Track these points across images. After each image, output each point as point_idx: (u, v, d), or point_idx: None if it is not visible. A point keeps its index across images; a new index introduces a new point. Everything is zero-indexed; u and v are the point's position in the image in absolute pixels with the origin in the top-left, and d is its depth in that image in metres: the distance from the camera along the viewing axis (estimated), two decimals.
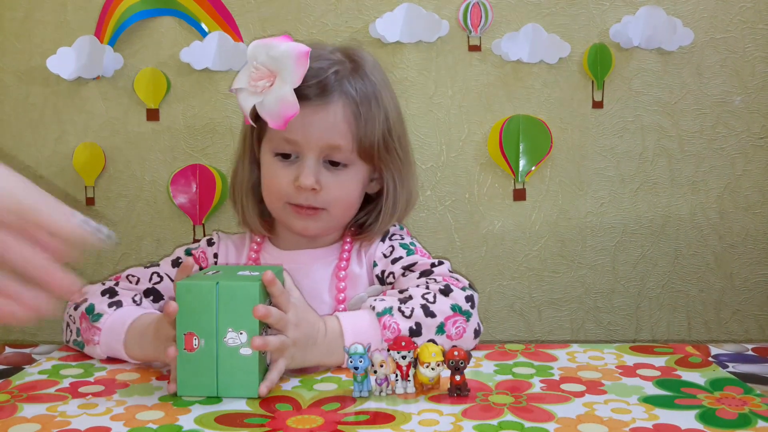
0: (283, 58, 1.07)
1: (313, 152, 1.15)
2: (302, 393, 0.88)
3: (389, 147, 1.20)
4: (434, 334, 1.01)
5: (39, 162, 1.75)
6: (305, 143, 1.14)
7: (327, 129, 1.14)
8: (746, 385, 0.87)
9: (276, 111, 1.08)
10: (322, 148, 1.15)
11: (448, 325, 1.02)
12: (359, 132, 1.16)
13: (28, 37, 1.72)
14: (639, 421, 0.77)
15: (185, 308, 0.88)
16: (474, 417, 0.78)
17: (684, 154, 1.74)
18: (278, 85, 1.07)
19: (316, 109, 1.13)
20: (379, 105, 1.19)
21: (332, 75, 1.15)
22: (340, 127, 1.15)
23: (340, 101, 1.15)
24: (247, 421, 0.79)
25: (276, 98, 1.07)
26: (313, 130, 1.14)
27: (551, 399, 0.84)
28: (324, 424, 0.77)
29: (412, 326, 1.00)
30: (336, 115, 1.15)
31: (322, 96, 1.14)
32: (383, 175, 1.23)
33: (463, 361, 0.84)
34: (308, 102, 1.11)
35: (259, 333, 0.89)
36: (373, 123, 1.17)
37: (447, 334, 1.02)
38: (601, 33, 1.70)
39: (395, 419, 0.78)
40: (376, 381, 0.85)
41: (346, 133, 1.15)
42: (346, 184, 1.18)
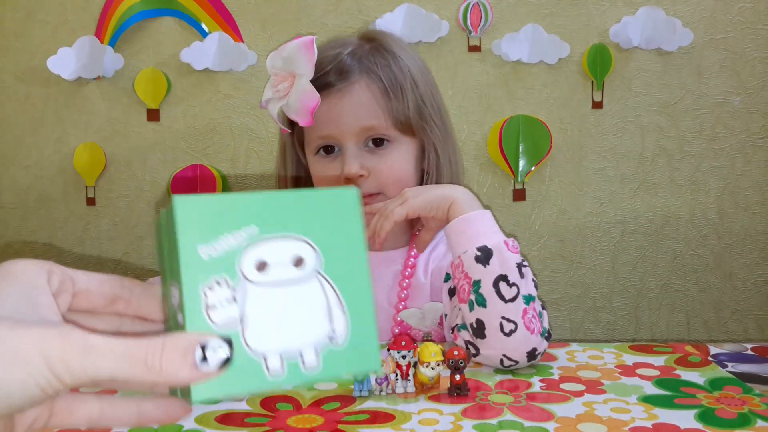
0: (292, 54, 1.05)
1: (350, 139, 1.11)
2: (302, 392, 0.88)
3: (424, 116, 1.15)
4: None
5: (39, 162, 1.76)
6: (339, 132, 1.11)
7: (357, 112, 1.10)
8: (745, 384, 0.87)
9: (300, 107, 1.05)
10: (358, 132, 1.11)
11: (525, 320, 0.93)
12: (390, 107, 1.12)
13: (29, 37, 1.72)
14: (638, 420, 0.77)
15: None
16: (474, 416, 0.78)
17: (683, 155, 1.74)
18: (296, 82, 1.05)
19: (341, 95, 1.10)
20: (404, 76, 1.14)
21: (347, 56, 1.12)
22: (370, 106, 1.11)
23: (363, 80, 1.11)
24: (248, 420, 0.79)
25: (296, 94, 1.05)
26: (344, 117, 1.10)
27: (551, 398, 0.84)
28: (324, 423, 0.78)
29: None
30: (362, 96, 1.11)
31: (343, 79, 1.11)
32: (427, 149, 1.17)
33: (463, 360, 0.84)
34: (331, 89, 1.08)
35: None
36: (402, 95, 1.13)
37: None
38: (600, 33, 1.70)
39: (395, 419, 0.78)
40: (376, 380, 0.85)
41: (377, 111, 1.11)
42: (394, 162, 1.12)
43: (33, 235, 1.78)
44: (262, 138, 1.73)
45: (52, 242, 1.77)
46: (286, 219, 0.43)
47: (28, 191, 1.77)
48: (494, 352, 0.92)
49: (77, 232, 1.77)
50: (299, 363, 0.42)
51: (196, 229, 0.41)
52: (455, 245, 0.98)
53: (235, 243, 0.41)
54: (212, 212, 0.41)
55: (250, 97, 1.72)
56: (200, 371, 0.37)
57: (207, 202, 0.41)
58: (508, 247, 0.95)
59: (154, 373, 0.37)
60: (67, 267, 0.44)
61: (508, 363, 0.92)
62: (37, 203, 1.77)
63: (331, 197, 0.45)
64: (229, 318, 0.40)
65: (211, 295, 0.40)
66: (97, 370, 0.36)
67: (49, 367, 0.35)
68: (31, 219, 1.78)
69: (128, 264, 1.75)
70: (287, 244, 0.43)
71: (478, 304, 0.93)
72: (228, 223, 0.41)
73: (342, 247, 0.44)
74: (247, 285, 0.41)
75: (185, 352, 0.37)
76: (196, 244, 0.40)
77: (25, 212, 1.78)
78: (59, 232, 1.77)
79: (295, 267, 0.43)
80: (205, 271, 0.40)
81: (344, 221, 0.45)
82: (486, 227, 0.98)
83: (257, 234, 0.42)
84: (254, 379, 0.41)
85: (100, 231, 1.77)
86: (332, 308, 0.43)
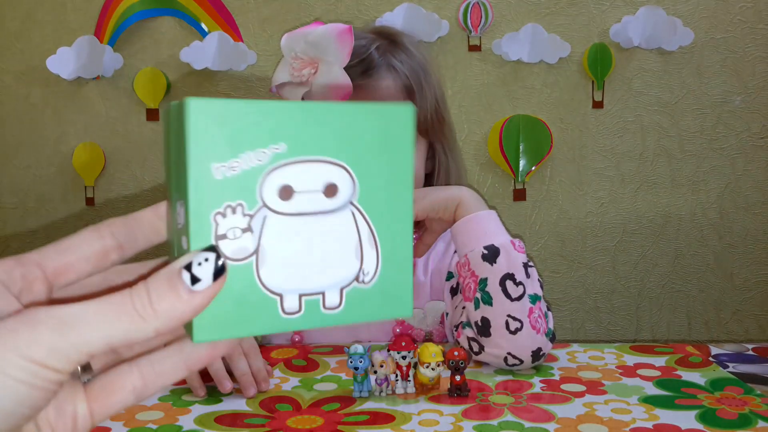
0: (322, 41, 1.01)
1: None
2: (302, 393, 0.88)
3: (441, 118, 1.15)
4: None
5: (39, 162, 1.75)
6: None
7: None
8: (746, 385, 0.87)
9: (327, 96, 1.01)
10: None
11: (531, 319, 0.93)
12: (414, 105, 1.10)
13: (28, 37, 1.72)
14: (639, 421, 0.77)
15: None
16: (474, 417, 0.78)
17: (684, 154, 1.74)
18: (324, 69, 1.01)
19: (367, 89, 1.08)
20: (428, 76, 1.14)
21: (375, 51, 1.10)
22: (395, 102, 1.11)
23: (389, 76, 1.10)
24: (247, 421, 0.79)
25: (325, 82, 1.01)
26: None
27: (551, 399, 0.83)
28: (324, 424, 0.77)
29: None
30: (389, 90, 1.10)
31: (370, 74, 1.09)
32: (435, 149, 1.16)
33: (463, 361, 0.84)
34: (356, 82, 1.05)
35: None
36: (425, 94, 1.12)
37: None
38: (601, 33, 1.70)
39: (395, 419, 0.78)
40: (376, 381, 0.85)
41: None
42: None
43: (32, 235, 1.78)
44: None
45: (51, 242, 1.77)
46: (322, 138, 0.35)
47: (28, 191, 1.77)
48: (499, 351, 0.92)
49: (76, 232, 1.76)
50: (319, 302, 0.36)
51: (211, 143, 0.34)
52: (461, 244, 0.98)
53: (257, 163, 0.34)
54: (233, 122, 0.34)
55: (249, 97, 1.72)
56: (197, 293, 0.32)
57: (228, 108, 0.34)
58: (515, 246, 0.95)
59: (150, 318, 0.32)
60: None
61: (512, 362, 0.92)
62: (36, 203, 1.77)
63: (382, 113, 0.37)
64: (241, 249, 0.34)
65: (222, 222, 0.34)
66: (87, 340, 0.31)
67: (28, 360, 0.31)
68: (30, 219, 1.77)
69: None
70: (320, 167, 0.36)
71: (484, 302, 0.93)
72: (251, 137, 0.34)
73: (384, 176, 0.37)
74: (267, 213, 0.35)
75: (171, 281, 0.32)
76: (209, 160, 0.34)
77: (24, 212, 1.78)
78: (58, 232, 1.77)
79: (326, 196, 0.36)
80: (218, 193, 0.34)
81: (392, 144, 0.37)
82: (492, 227, 0.98)
83: (285, 153, 0.35)
84: (266, 319, 0.35)
85: None
86: (363, 244, 0.37)
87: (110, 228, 0.39)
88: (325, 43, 1.01)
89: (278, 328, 0.36)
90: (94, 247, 0.39)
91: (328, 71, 1.01)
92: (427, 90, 1.12)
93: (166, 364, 0.37)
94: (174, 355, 0.37)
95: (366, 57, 1.09)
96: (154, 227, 0.40)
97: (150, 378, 0.37)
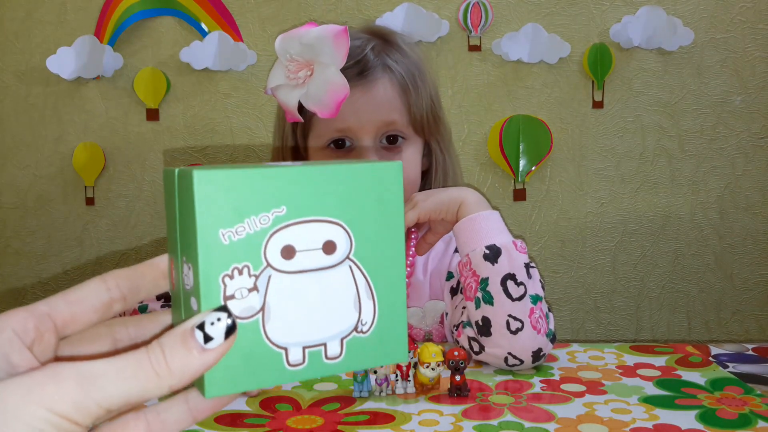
0: (318, 42, 1.00)
1: (368, 134, 1.09)
2: (302, 393, 0.87)
3: (437, 116, 1.16)
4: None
5: (39, 162, 1.75)
6: (359, 127, 1.09)
7: (378, 107, 1.09)
8: (746, 385, 0.86)
9: (324, 98, 1.00)
10: (378, 127, 1.09)
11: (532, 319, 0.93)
12: (410, 103, 1.10)
13: (28, 36, 1.72)
14: (639, 421, 0.76)
15: None
16: (474, 417, 0.78)
17: (684, 154, 1.74)
18: (320, 71, 1.00)
19: (363, 89, 1.08)
20: (423, 75, 1.14)
21: (370, 52, 1.11)
22: (392, 102, 1.10)
23: (386, 76, 1.11)
24: (247, 421, 0.79)
25: (321, 84, 1.00)
26: (365, 111, 1.08)
27: (551, 399, 0.83)
28: (324, 424, 0.77)
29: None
30: (385, 91, 1.10)
31: (366, 75, 1.09)
32: (431, 147, 1.16)
33: (464, 361, 0.83)
34: (352, 83, 1.04)
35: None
36: (420, 93, 1.12)
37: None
38: (601, 33, 1.70)
39: (395, 419, 0.78)
40: (376, 381, 0.85)
41: (399, 107, 1.10)
42: (406, 161, 1.11)
43: (32, 235, 1.78)
44: (262, 137, 1.73)
45: (51, 242, 1.77)
46: (319, 199, 0.38)
47: (28, 191, 1.77)
48: (499, 351, 0.92)
49: (76, 232, 1.77)
50: (321, 353, 0.38)
51: (217, 211, 0.35)
52: (463, 244, 0.98)
53: (260, 226, 0.36)
54: (236, 191, 0.36)
55: (249, 97, 1.72)
56: (209, 351, 0.34)
57: (230, 178, 0.36)
58: (517, 247, 0.95)
59: (165, 376, 0.34)
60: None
61: (512, 362, 0.92)
62: (36, 203, 1.77)
63: (373, 172, 0.39)
64: (248, 308, 0.36)
65: (230, 284, 0.36)
66: (107, 396, 0.33)
67: (54, 413, 0.32)
68: (30, 219, 1.77)
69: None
70: (318, 227, 0.38)
71: (484, 302, 0.93)
72: (253, 203, 0.36)
73: (378, 230, 0.39)
74: (271, 273, 0.37)
75: (185, 340, 0.34)
76: (216, 227, 0.35)
77: (24, 212, 1.78)
78: (58, 232, 1.77)
79: (325, 253, 0.38)
80: (225, 257, 0.36)
81: (383, 200, 0.39)
82: (495, 227, 0.98)
83: (286, 215, 0.37)
84: (272, 372, 0.37)
85: (99, 231, 1.76)
86: (361, 296, 0.39)
87: (116, 280, 0.41)
88: (320, 44, 1.00)
89: (284, 380, 0.38)
90: (101, 299, 0.40)
91: (323, 73, 1.00)
92: (422, 89, 1.12)
93: (172, 413, 0.39)
94: (180, 405, 0.39)
95: (362, 58, 1.09)
96: (156, 281, 0.42)
97: (156, 427, 0.39)
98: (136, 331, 0.42)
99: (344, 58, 0.99)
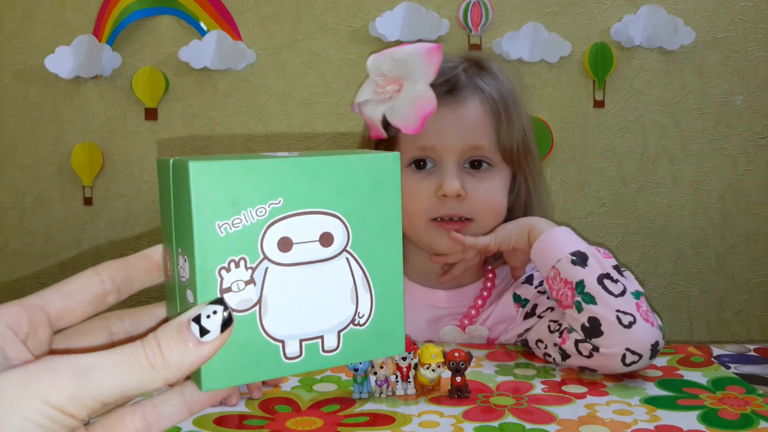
0: (409, 58, 0.97)
1: (452, 155, 1.04)
2: (301, 394, 0.87)
3: (528, 148, 1.10)
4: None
5: (37, 161, 1.75)
6: (443, 147, 1.04)
7: (465, 128, 1.05)
8: (749, 384, 0.86)
9: (410, 112, 0.96)
10: (463, 149, 1.05)
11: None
12: (500, 130, 1.06)
13: (27, 36, 1.71)
14: (641, 422, 0.76)
15: None
16: (475, 419, 0.78)
17: (686, 154, 1.73)
18: (408, 86, 0.97)
19: (451, 108, 1.04)
20: (516, 102, 1.09)
21: (462, 72, 1.08)
22: (480, 125, 1.06)
23: (477, 97, 1.07)
24: (246, 422, 0.78)
25: (408, 98, 0.96)
26: (451, 131, 1.04)
27: (552, 400, 0.83)
28: (323, 425, 0.77)
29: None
30: (475, 112, 1.06)
31: (455, 93, 1.06)
32: (518, 181, 1.11)
33: (464, 362, 0.83)
34: (440, 101, 0.97)
35: None
36: (512, 121, 1.07)
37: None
38: (602, 32, 1.69)
39: (395, 421, 0.77)
40: (376, 382, 0.84)
41: (487, 131, 1.06)
42: (491, 188, 1.06)
43: (30, 235, 1.77)
44: (261, 137, 1.72)
45: (50, 242, 1.76)
46: (317, 190, 0.37)
47: (26, 191, 1.76)
48: (616, 349, 0.87)
49: (74, 232, 1.76)
50: (318, 345, 0.38)
51: (214, 203, 0.35)
52: (545, 260, 0.96)
53: (257, 218, 0.36)
54: (233, 182, 0.35)
55: (248, 96, 1.71)
56: (205, 344, 0.34)
57: (227, 169, 0.35)
58: (600, 252, 0.94)
59: (161, 369, 0.34)
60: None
61: (630, 359, 0.87)
62: (34, 203, 1.76)
63: (370, 163, 0.39)
64: (245, 301, 0.36)
65: (227, 276, 0.36)
66: (102, 389, 0.33)
67: (50, 406, 0.32)
68: (28, 219, 1.77)
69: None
70: (315, 218, 0.37)
71: (586, 303, 0.89)
72: (250, 194, 0.36)
73: (375, 222, 0.39)
74: (268, 265, 0.37)
75: (181, 333, 0.34)
76: (213, 219, 0.35)
77: (22, 212, 1.77)
78: (56, 232, 1.77)
79: (322, 245, 0.38)
80: (221, 250, 0.36)
81: (381, 191, 0.39)
82: (572, 238, 0.96)
83: (282, 208, 0.37)
84: (269, 365, 0.37)
85: (98, 231, 1.76)
86: (358, 288, 0.39)
87: (109, 272, 0.40)
88: (412, 60, 0.97)
89: (281, 373, 0.38)
90: (94, 291, 0.40)
91: (412, 88, 0.97)
92: (515, 116, 1.08)
93: (168, 406, 0.39)
94: (176, 398, 0.39)
95: (452, 77, 1.06)
96: (149, 272, 0.42)
97: (152, 420, 0.39)
98: (131, 324, 0.42)
99: (434, 73, 0.95)
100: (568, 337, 0.91)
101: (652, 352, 0.87)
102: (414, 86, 0.96)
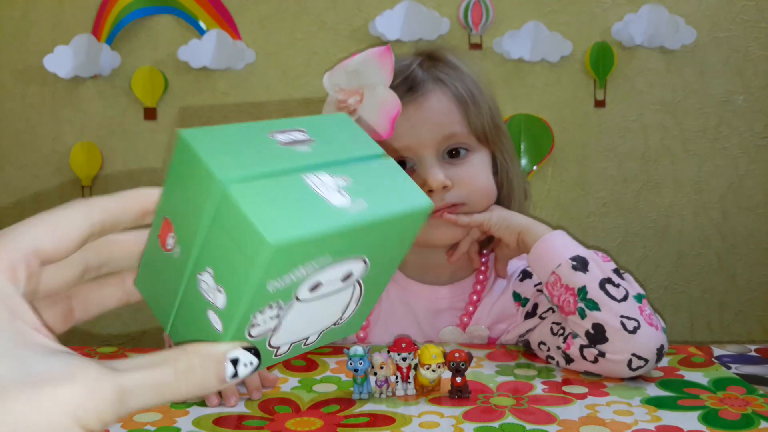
0: (362, 66, 0.98)
1: (429, 150, 1.05)
2: (301, 395, 0.87)
3: (498, 126, 1.11)
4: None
5: (36, 161, 1.75)
6: (418, 143, 1.05)
7: (435, 120, 1.06)
8: (749, 384, 0.86)
9: (377, 118, 0.97)
10: (439, 141, 1.06)
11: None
12: (469, 113, 1.07)
13: (26, 35, 1.71)
14: (641, 423, 0.76)
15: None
16: (475, 419, 0.77)
17: (687, 154, 1.73)
18: (369, 93, 0.98)
19: (416, 104, 1.05)
20: (477, 84, 1.11)
21: (417, 67, 1.08)
22: (448, 114, 1.07)
23: (438, 88, 1.07)
24: (246, 423, 0.78)
25: (372, 105, 0.97)
26: (422, 126, 1.05)
27: (553, 401, 0.83)
28: (323, 426, 0.77)
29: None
30: (440, 103, 1.07)
31: (416, 89, 1.06)
32: (497, 160, 1.13)
33: (464, 362, 0.83)
34: (404, 100, 0.99)
35: None
36: (478, 103, 1.08)
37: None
38: (603, 31, 1.69)
39: (395, 421, 0.77)
40: (376, 383, 0.84)
41: (457, 118, 1.07)
42: (475, 171, 1.08)
43: None
44: None
45: None
46: (359, 244, 0.39)
47: (24, 190, 1.76)
48: (622, 355, 0.86)
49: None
50: (301, 343, 0.42)
51: (276, 271, 0.35)
52: (544, 266, 0.95)
53: (304, 273, 0.37)
54: (299, 254, 0.36)
55: (248, 96, 1.71)
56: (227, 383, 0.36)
57: (297, 244, 0.35)
58: (599, 256, 0.94)
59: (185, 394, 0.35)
60: None
61: (636, 364, 0.87)
62: (33, 203, 1.76)
63: (410, 218, 0.40)
64: (266, 331, 0.38)
65: (259, 317, 0.37)
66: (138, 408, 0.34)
67: (81, 426, 0.32)
68: None
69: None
70: (347, 263, 0.39)
71: (590, 309, 0.89)
72: (305, 256, 0.36)
73: (389, 257, 0.42)
74: (295, 303, 0.38)
75: (218, 369, 0.36)
76: (267, 278, 0.36)
77: (21, 212, 1.77)
78: None
79: (342, 281, 0.40)
80: (264, 300, 0.37)
81: (406, 237, 0.42)
82: (569, 242, 0.96)
83: (327, 261, 0.38)
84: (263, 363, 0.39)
85: None
86: (351, 303, 0.42)
87: (101, 215, 0.39)
88: (365, 67, 0.98)
89: (267, 365, 0.41)
90: (82, 233, 0.39)
91: (374, 93, 0.98)
92: (480, 98, 1.09)
93: (105, 292, 0.42)
94: (116, 286, 0.42)
95: (410, 74, 1.07)
96: (137, 219, 0.41)
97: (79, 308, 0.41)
98: (108, 254, 0.42)
99: (390, 74, 0.96)
100: (572, 342, 0.90)
101: (657, 356, 0.87)
102: (374, 92, 0.97)
